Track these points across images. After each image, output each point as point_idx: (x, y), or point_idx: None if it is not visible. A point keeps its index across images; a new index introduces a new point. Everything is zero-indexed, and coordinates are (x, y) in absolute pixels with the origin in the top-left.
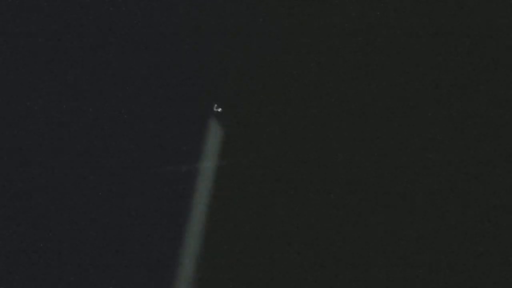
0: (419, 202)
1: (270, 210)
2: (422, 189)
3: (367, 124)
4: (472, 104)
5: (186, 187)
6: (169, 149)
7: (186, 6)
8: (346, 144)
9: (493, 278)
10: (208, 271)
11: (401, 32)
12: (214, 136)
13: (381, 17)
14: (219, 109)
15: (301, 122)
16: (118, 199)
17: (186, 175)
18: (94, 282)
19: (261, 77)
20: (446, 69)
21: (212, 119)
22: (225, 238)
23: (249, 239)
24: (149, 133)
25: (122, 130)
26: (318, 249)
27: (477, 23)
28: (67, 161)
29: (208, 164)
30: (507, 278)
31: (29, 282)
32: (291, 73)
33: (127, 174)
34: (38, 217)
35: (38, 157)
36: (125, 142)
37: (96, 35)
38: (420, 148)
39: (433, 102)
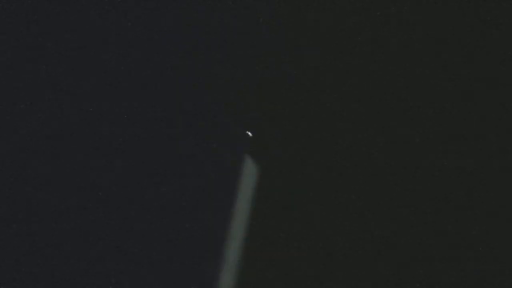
0: (428, 206)
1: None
2: (428, 192)
3: (368, 124)
4: (473, 104)
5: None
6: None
7: (185, 6)
8: (348, 145)
9: (494, 278)
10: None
11: (402, 32)
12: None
13: (382, 16)
14: (249, 134)
15: (302, 123)
16: (123, 201)
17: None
18: (94, 282)
19: (261, 77)
20: (447, 70)
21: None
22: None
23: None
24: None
25: (131, 139)
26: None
27: (479, 22)
28: (68, 162)
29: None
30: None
31: (29, 282)
32: (291, 73)
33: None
34: (38, 217)
35: (39, 158)
36: (134, 148)
37: (93, 38)
38: (422, 150)
39: (435, 102)
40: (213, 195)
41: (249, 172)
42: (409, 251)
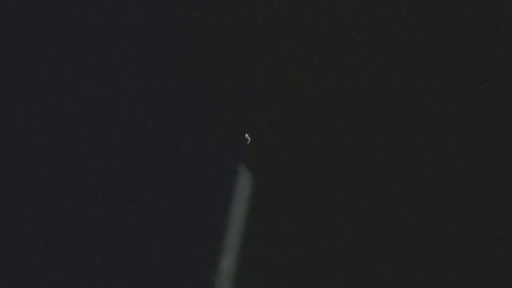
0: (428, 206)
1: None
2: (428, 192)
3: (368, 124)
4: (473, 104)
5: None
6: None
7: (185, 6)
8: (348, 145)
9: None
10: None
11: (402, 32)
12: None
13: (382, 16)
14: (248, 137)
15: (302, 123)
16: (124, 202)
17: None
18: (94, 282)
19: (261, 77)
20: (447, 70)
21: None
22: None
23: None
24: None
25: (132, 140)
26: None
27: (479, 22)
28: (68, 162)
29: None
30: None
31: (29, 282)
32: (291, 73)
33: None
34: (38, 217)
35: (39, 158)
36: (139, 149)
37: (92, 39)
38: (422, 150)
39: (435, 102)
40: (213, 195)
41: (249, 172)
42: (409, 251)
